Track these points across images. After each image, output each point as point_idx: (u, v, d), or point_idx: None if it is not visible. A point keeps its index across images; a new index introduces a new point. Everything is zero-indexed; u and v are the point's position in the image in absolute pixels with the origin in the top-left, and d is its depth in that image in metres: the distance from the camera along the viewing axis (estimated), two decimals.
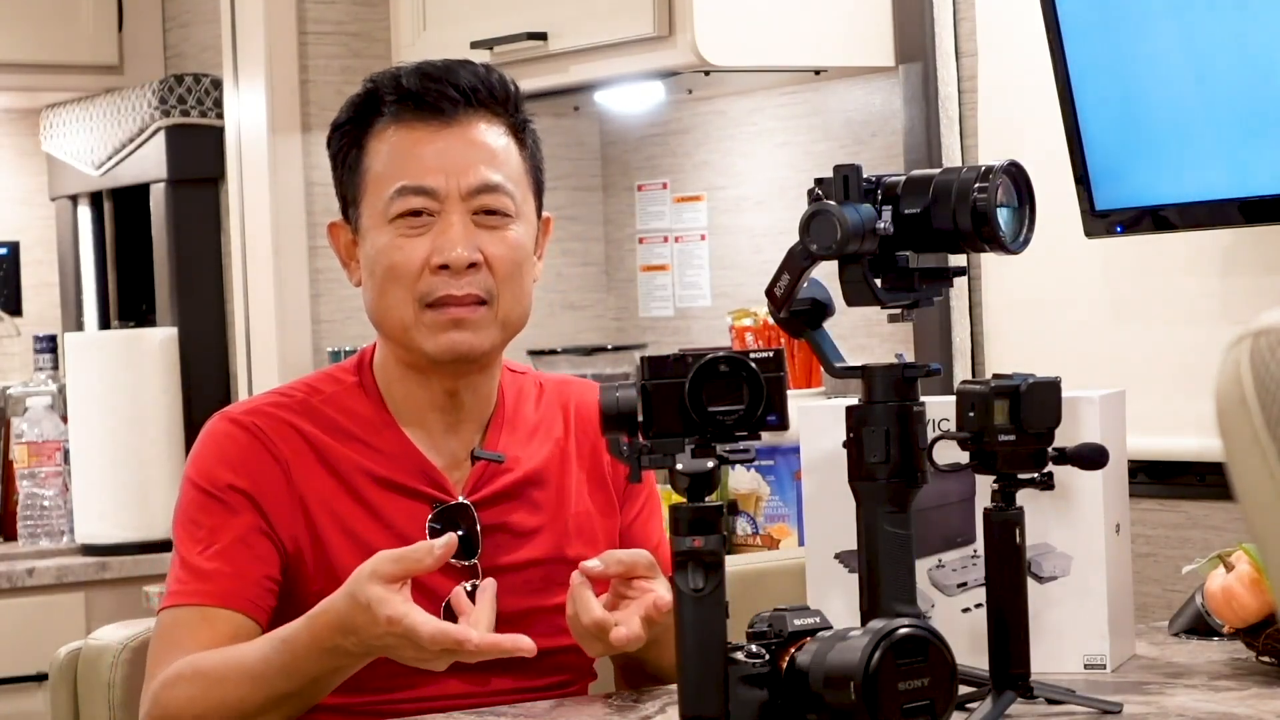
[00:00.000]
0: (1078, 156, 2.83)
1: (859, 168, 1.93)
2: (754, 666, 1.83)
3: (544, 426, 2.29)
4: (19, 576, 3.99)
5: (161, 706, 2.07)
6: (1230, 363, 1.27)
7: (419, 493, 2.19)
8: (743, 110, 3.77)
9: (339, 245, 2.26)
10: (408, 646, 1.96)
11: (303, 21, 3.97)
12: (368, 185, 2.20)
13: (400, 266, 2.16)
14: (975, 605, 2.16)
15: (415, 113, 2.18)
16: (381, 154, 2.19)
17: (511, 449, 2.24)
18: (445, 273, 2.15)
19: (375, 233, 2.18)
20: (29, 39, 4.34)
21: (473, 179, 2.17)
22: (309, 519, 2.15)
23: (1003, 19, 3.16)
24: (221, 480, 2.15)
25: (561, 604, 2.14)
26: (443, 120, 2.18)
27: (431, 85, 2.18)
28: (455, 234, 2.15)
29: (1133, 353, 2.97)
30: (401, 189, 2.16)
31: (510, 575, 2.19)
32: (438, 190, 2.16)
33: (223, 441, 2.18)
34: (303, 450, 2.18)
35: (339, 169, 2.24)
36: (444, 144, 2.17)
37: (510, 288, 2.18)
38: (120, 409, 4.11)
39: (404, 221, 2.16)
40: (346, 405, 2.22)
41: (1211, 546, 2.56)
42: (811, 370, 3.40)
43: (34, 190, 4.73)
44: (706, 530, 1.82)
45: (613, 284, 4.11)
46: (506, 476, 2.23)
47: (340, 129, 2.24)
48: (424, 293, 2.15)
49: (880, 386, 1.93)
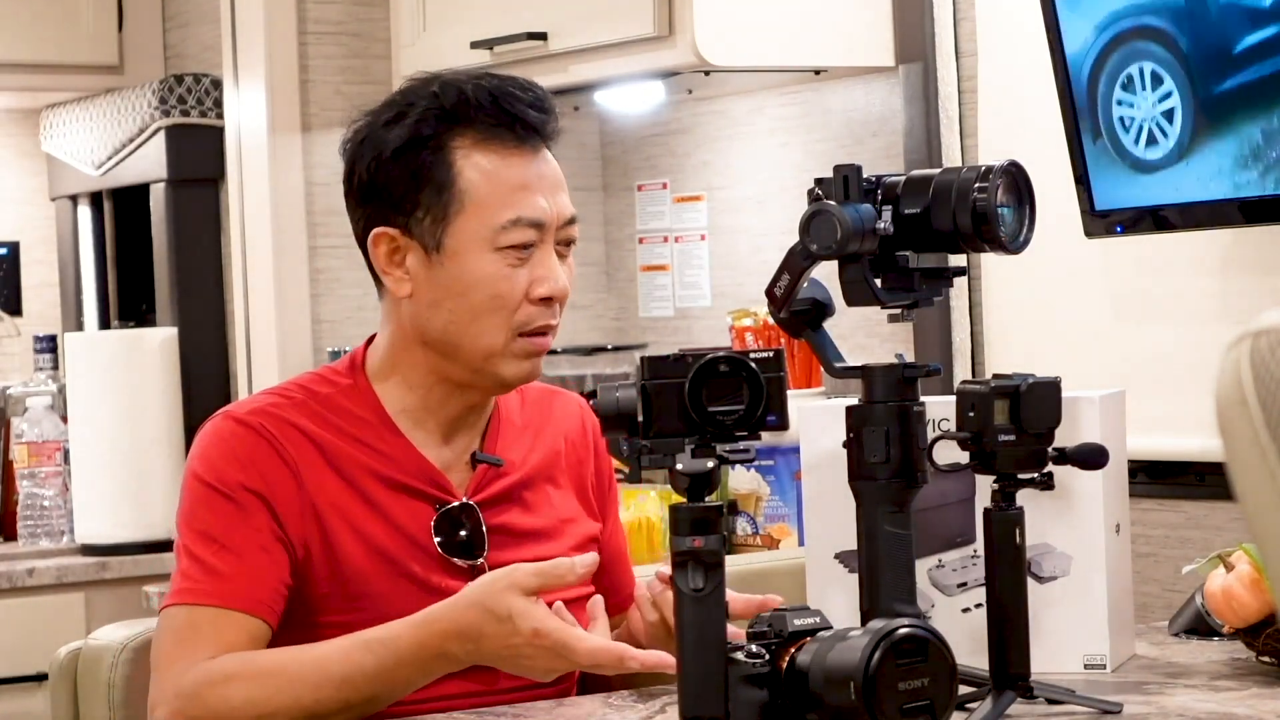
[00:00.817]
0: (1078, 156, 2.83)
1: (859, 168, 1.93)
2: (754, 666, 1.83)
3: (532, 431, 2.30)
4: (19, 576, 3.99)
5: (211, 708, 2.04)
6: (1230, 363, 1.27)
7: (422, 493, 2.19)
8: (743, 110, 3.77)
9: (380, 254, 2.18)
10: (548, 658, 2.00)
11: (303, 21, 3.97)
12: (466, 206, 2.14)
13: (505, 297, 2.15)
14: (975, 605, 2.16)
15: (513, 136, 2.15)
16: (482, 174, 2.14)
17: (507, 453, 2.25)
18: (543, 304, 2.17)
19: (475, 257, 2.14)
20: (29, 39, 4.34)
21: (565, 211, 2.20)
22: (319, 519, 2.14)
23: (1003, 19, 3.16)
24: (232, 479, 2.14)
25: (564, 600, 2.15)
26: (533, 146, 2.17)
27: (534, 112, 2.16)
28: (555, 266, 2.18)
29: (1133, 353, 2.97)
30: (518, 220, 2.15)
31: None
32: (548, 223, 2.17)
33: (230, 440, 2.16)
34: (309, 450, 2.16)
35: (412, 179, 2.15)
36: (539, 171, 2.17)
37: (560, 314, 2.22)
38: (120, 409, 4.11)
39: (513, 253, 2.16)
40: (343, 406, 2.20)
41: (1211, 546, 2.56)
42: (811, 370, 3.40)
43: (34, 190, 4.73)
44: (706, 530, 1.82)
45: (613, 284, 4.11)
46: (505, 479, 2.24)
47: (419, 138, 2.15)
48: (522, 322, 2.16)
49: (880, 386, 1.93)
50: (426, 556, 2.17)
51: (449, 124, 2.15)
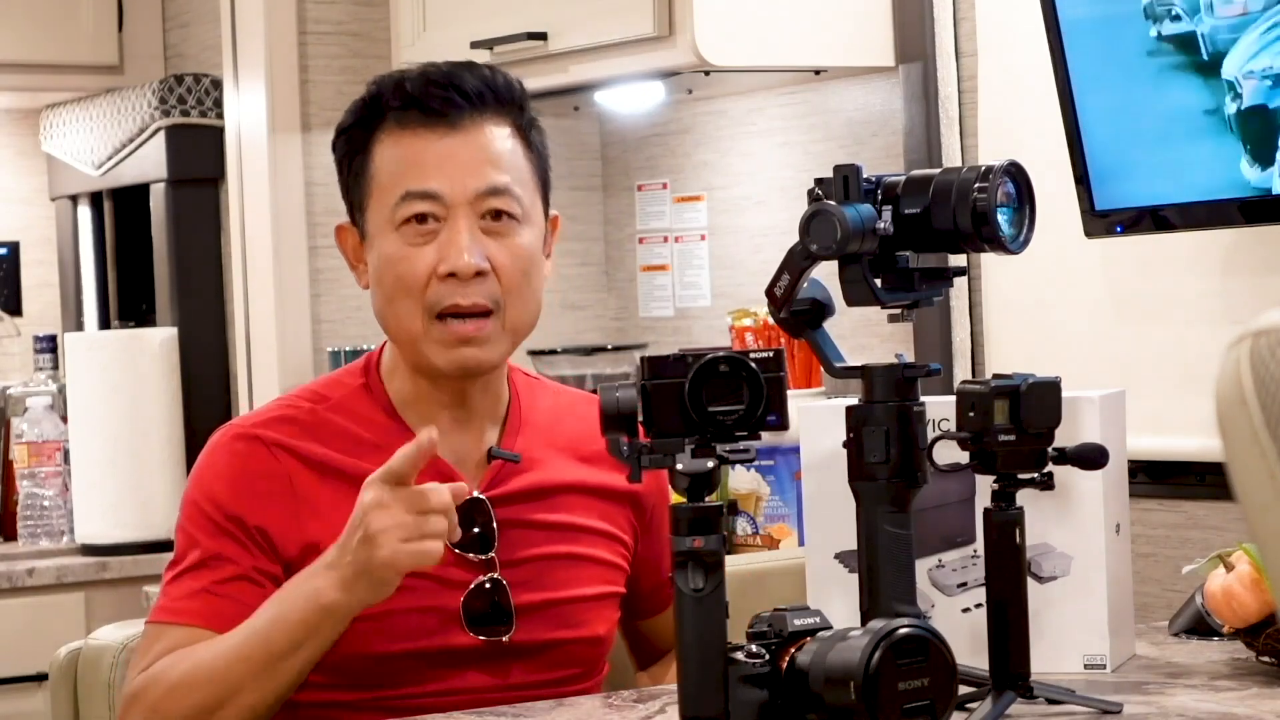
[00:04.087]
0: (1078, 156, 2.83)
1: (859, 168, 1.93)
2: (754, 666, 1.83)
3: (564, 439, 2.27)
4: (19, 576, 3.99)
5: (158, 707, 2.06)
6: (1230, 363, 1.27)
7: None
8: (743, 110, 3.77)
9: (346, 248, 2.25)
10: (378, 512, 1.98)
11: (303, 21, 3.97)
12: (373, 190, 2.18)
13: (407, 276, 2.14)
14: (975, 605, 2.16)
15: (421, 117, 2.16)
16: (386, 158, 2.17)
17: (528, 451, 2.23)
18: (453, 281, 2.13)
19: (381, 239, 2.17)
20: (29, 39, 4.34)
21: (479, 182, 2.15)
22: (319, 536, 2.12)
23: (1003, 19, 3.16)
24: (226, 506, 2.14)
25: (576, 597, 2.19)
26: (448, 124, 2.16)
27: (436, 90, 2.16)
28: (462, 241, 2.13)
29: (1133, 353, 2.97)
30: (407, 194, 2.15)
31: (525, 568, 2.20)
32: (443, 195, 2.14)
33: (230, 460, 2.17)
34: (311, 468, 2.16)
35: (344, 173, 2.23)
36: (449, 148, 2.16)
37: (517, 296, 2.16)
38: (120, 409, 4.11)
39: (410, 228, 2.15)
40: (354, 410, 2.20)
41: (1211, 546, 2.56)
42: (811, 370, 3.40)
43: (34, 190, 4.73)
44: (706, 530, 1.82)
45: (613, 284, 4.11)
46: (523, 478, 2.23)
47: (345, 133, 2.22)
48: (432, 302, 2.14)
49: (880, 386, 1.93)
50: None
51: (372, 116, 2.19)
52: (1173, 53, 2.72)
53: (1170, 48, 2.72)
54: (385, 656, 2.13)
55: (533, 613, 2.18)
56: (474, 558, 2.18)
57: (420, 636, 2.14)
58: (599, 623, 2.25)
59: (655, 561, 2.32)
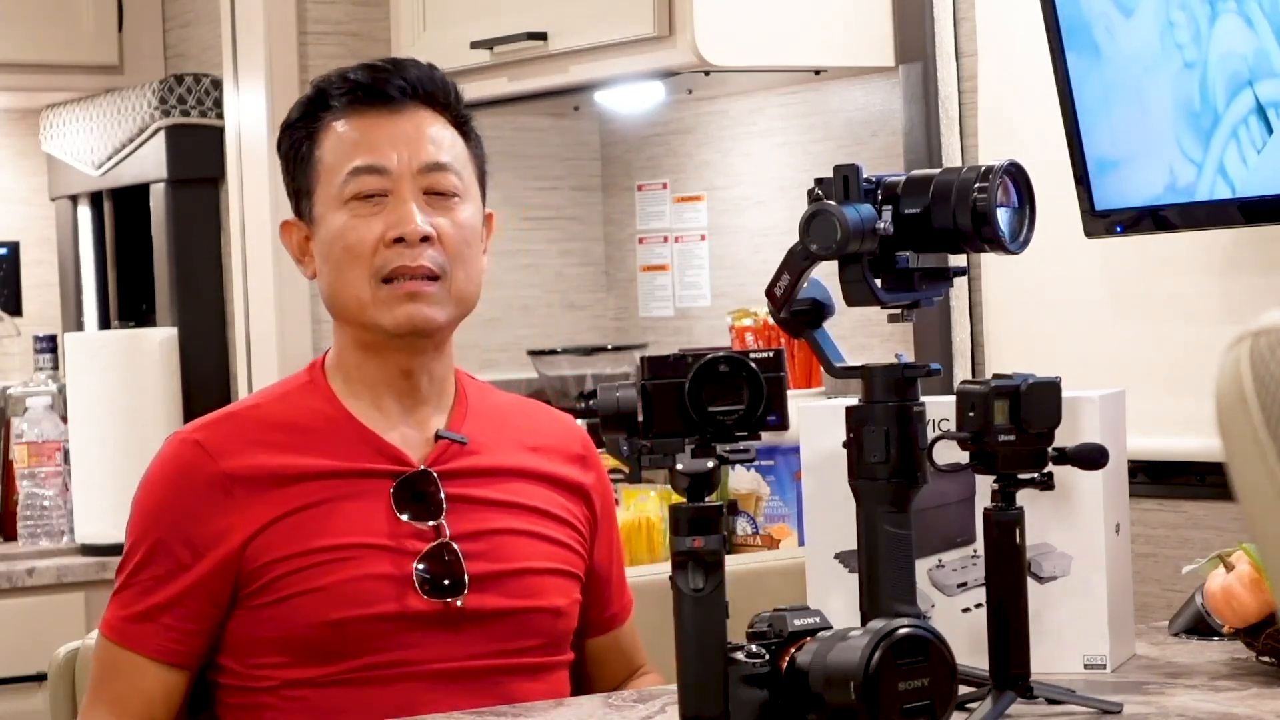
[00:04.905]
0: (1078, 156, 2.83)
1: (859, 168, 1.93)
2: (754, 666, 1.83)
3: (513, 432, 2.32)
4: (19, 576, 3.99)
5: None
6: (1230, 362, 1.27)
7: (379, 471, 2.22)
8: (743, 110, 3.77)
9: (292, 243, 2.31)
10: None
11: (303, 21, 3.96)
12: (320, 174, 2.26)
13: (356, 245, 2.21)
14: (975, 605, 2.16)
15: (365, 102, 2.25)
16: (332, 141, 2.26)
17: (476, 437, 2.27)
18: (400, 245, 2.20)
19: (330, 217, 2.24)
20: (29, 39, 4.34)
21: (424, 156, 2.23)
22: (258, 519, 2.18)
23: (1003, 19, 3.16)
24: (163, 515, 2.22)
25: (528, 569, 2.22)
26: (391, 107, 2.25)
27: (380, 75, 2.26)
28: (408, 209, 2.21)
29: (1133, 353, 2.97)
30: (355, 169, 2.23)
31: (475, 541, 2.22)
32: (390, 168, 2.22)
33: (169, 466, 2.25)
34: (252, 459, 2.21)
35: (291, 166, 2.31)
36: (394, 126, 2.24)
37: (461, 264, 2.23)
38: (120, 409, 4.11)
39: (358, 203, 2.22)
40: (297, 403, 2.26)
41: (1211, 546, 2.56)
42: (811, 370, 3.40)
43: (34, 190, 4.73)
44: (706, 530, 1.82)
45: (613, 284, 4.11)
46: (471, 459, 2.26)
47: (291, 128, 2.31)
48: (379, 266, 2.20)
49: (880, 386, 1.93)
50: (386, 527, 2.20)
51: (317, 108, 2.28)
52: (1173, 52, 2.72)
53: (1170, 47, 2.72)
54: (338, 623, 2.16)
55: (485, 581, 2.21)
56: (424, 526, 2.20)
57: (373, 602, 2.17)
58: (555, 594, 2.27)
59: (605, 567, 2.36)
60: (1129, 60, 2.78)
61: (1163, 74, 2.74)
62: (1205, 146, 2.71)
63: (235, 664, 2.21)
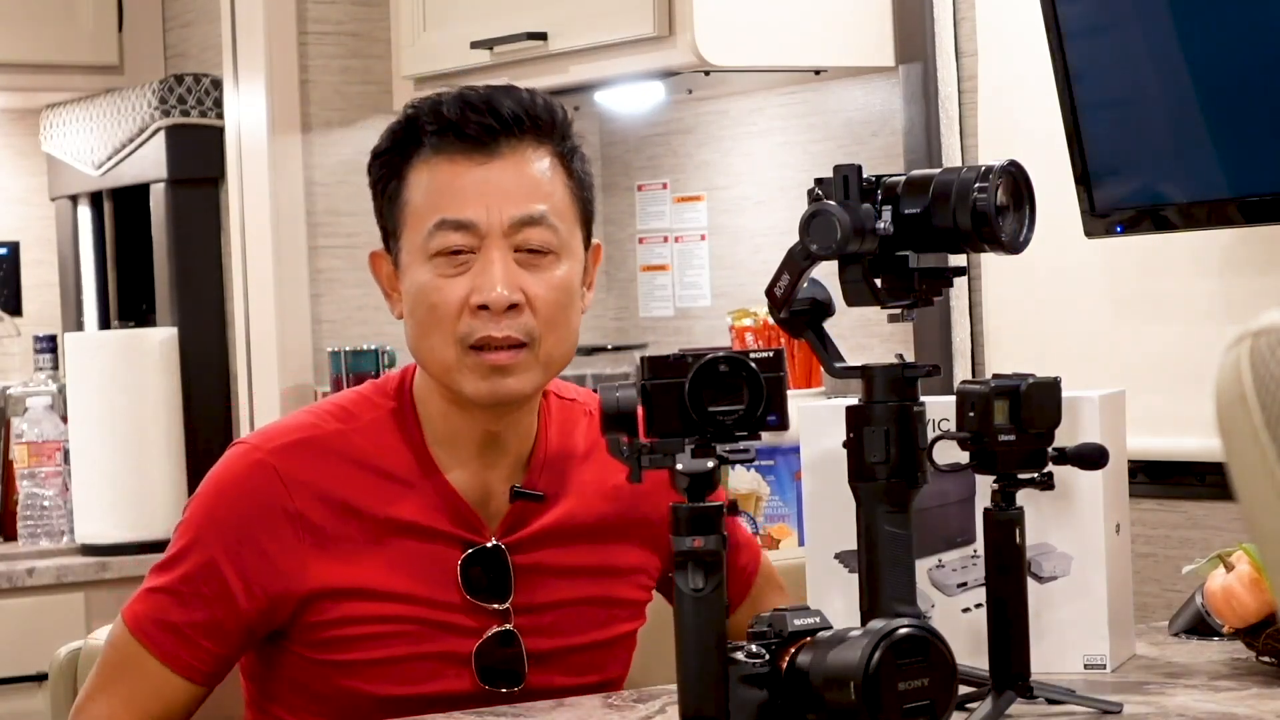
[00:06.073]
0: (1078, 156, 2.83)
1: (859, 168, 1.93)
2: (754, 666, 1.83)
3: (588, 471, 2.21)
4: (19, 576, 3.99)
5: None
6: (1230, 362, 1.27)
7: (451, 536, 2.13)
8: (743, 110, 3.77)
9: (381, 276, 2.18)
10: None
11: (303, 21, 3.97)
12: (407, 218, 2.11)
13: (440, 308, 2.07)
14: (975, 605, 2.16)
15: (456, 143, 2.09)
16: (421, 186, 2.10)
17: (553, 486, 2.18)
18: (485, 313, 2.06)
19: (415, 269, 2.10)
20: (29, 39, 4.34)
21: (515, 211, 2.08)
22: (330, 580, 2.10)
23: (1003, 19, 3.16)
24: (223, 536, 2.09)
25: (594, 642, 2.17)
26: (484, 151, 2.09)
27: (472, 115, 2.09)
28: (495, 272, 2.06)
29: (1133, 353, 2.97)
30: (440, 223, 2.08)
31: (543, 614, 2.16)
32: (478, 224, 2.07)
33: (241, 488, 2.11)
34: (328, 505, 2.11)
35: (379, 199, 2.15)
36: (485, 175, 2.08)
37: (554, 329, 2.10)
38: (120, 409, 4.11)
39: (444, 259, 2.08)
40: (381, 438, 2.14)
41: (1211, 546, 2.56)
42: (811, 370, 3.40)
43: (34, 190, 4.73)
44: (706, 530, 1.82)
45: (613, 284, 4.11)
46: (544, 517, 2.17)
47: (380, 158, 2.15)
48: (464, 334, 2.07)
49: (880, 386, 1.93)
50: (452, 600, 2.12)
51: (407, 141, 2.12)
52: (1173, 52, 2.72)
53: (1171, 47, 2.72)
54: (389, 700, 2.10)
55: (546, 660, 2.15)
56: (489, 606, 2.13)
57: (427, 681, 2.11)
58: (615, 665, 2.23)
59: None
60: (1129, 60, 2.78)
61: (1163, 74, 2.74)
62: (1205, 146, 2.71)
63: (257, 692, 2.17)
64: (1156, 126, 2.76)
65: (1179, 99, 2.72)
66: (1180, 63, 2.71)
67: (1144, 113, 2.77)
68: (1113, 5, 2.78)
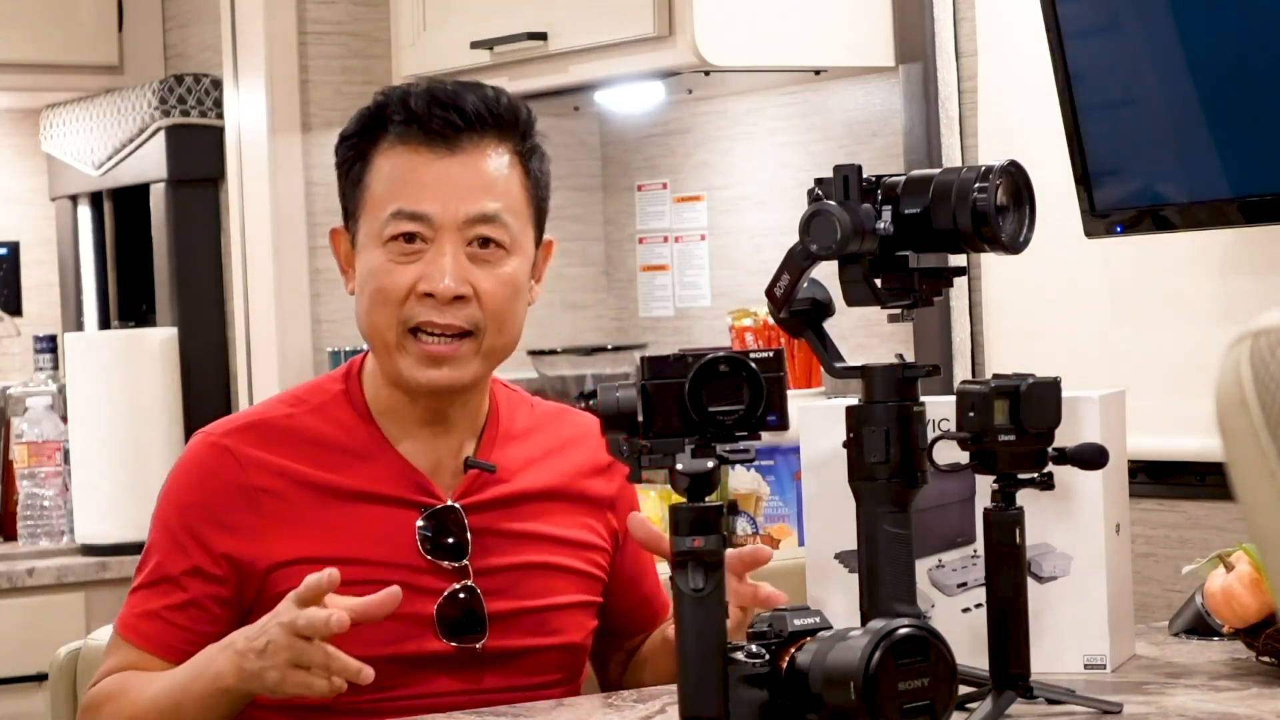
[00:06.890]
0: (1078, 156, 2.83)
1: (859, 168, 1.93)
2: (754, 666, 1.83)
3: (540, 448, 2.29)
4: (19, 576, 3.99)
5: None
6: (1230, 363, 1.27)
7: (407, 500, 2.20)
8: (743, 110, 3.77)
9: (339, 251, 2.28)
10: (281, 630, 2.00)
11: (303, 21, 3.97)
12: (366, 202, 2.20)
13: (387, 290, 2.16)
14: (975, 605, 2.16)
15: (420, 135, 2.17)
16: (383, 173, 2.19)
17: (504, 462, 2.25)
18: (430, 301, 2.15)
19: (369, 251, 2.19)
20: (29, 39, 4.34)
21: (470, 208, 2.16)
22: (291, 552, 2.16)
23: (1003, 19, 3.16)
24: (189, 521, 2.19)
25: (551, 605, 2.21)
26: (446, 146, 2.17)
27: (438, 110, 2.17)
28: (445, 264, 2.15)
29: (1133, 353, 2.97)
30: (397, 212, 2.16)
31: (500, 577, 2.21)
32: (433, 217, 2.16)
33: (199, 472, 2.21)
34: (282, 478, 2.18)
35: (343, 179, 2.25)
36: (444, 170, 2.17)
37: (497, 322, 2.17)
38: (120, 409, 4.11)
39: (396, 245, 2.17)
40: (332, 415, 2.23)
41: (1211, 546, 2.56)
42: (811, 370, 3.40)
43: (34, 190, 4.72)
44: (706, 530, 1.82)
45: (613, 284, 4.11)
46: (499, 487, 2.24)
47: (347, 140, 2.24)
48: (407, 316, 2.16)
49: (880, 386, 1.93)
50: (412, 562, 2.18)
51: (375, 127, 2.20)
52: (1173, 52, 2.72)
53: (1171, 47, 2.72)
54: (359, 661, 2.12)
55: (506, 620, 2.20)
56: (448, 565, 2.19)
57: (393, 642, 2.15)
58: (574, 630, 2.26)
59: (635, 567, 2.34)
60: (1129, 60, 2.78)
61: (1163, 74, 2.74)
62: (1205, 146, 2.71)
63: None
64: (1156, 127, 2.76)
65: (1179, 99, 2.72)
66: (1180, 63, 2.71)
67: (1144, 113, 2.78)
68: (1113, 5, 2.78)
